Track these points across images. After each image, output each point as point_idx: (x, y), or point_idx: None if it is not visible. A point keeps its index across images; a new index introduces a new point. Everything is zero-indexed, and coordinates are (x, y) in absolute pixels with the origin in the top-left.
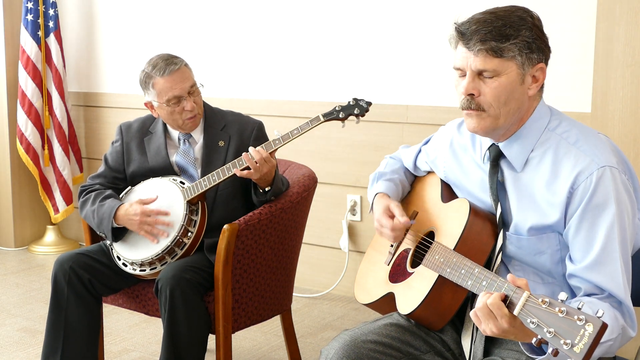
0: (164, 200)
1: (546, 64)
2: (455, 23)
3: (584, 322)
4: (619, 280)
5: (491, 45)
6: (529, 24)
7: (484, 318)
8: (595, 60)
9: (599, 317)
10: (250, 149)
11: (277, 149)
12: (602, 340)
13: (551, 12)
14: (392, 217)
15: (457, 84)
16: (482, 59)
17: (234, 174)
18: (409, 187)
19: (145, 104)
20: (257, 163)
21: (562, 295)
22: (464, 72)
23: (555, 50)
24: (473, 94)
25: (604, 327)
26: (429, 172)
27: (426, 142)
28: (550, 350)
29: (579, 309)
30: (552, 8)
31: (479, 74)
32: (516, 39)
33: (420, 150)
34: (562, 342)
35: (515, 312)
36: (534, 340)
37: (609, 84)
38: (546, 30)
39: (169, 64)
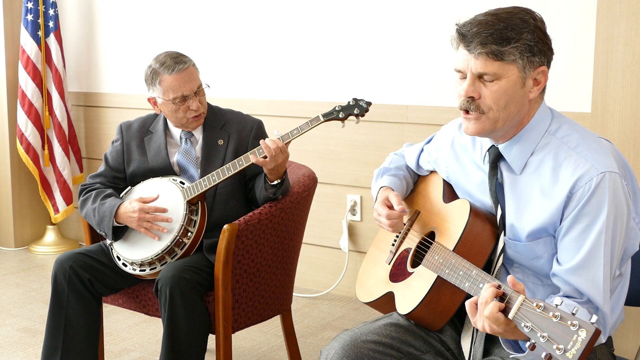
0: (164, 199)
1: (548, 66)
2: (456, 24)
3: (577, 327)
4: (600, 286)
5: (492, 48)
6: (531, 26)
7: (479, 317)
8: (595, 60)
9: (592, 323)
10: (267, 139)
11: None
12: None
13: (551, 12)
14: (390, 207)
15: (458, 85)
16: (483, 62)
17: (233, 174)
18: (413, 185)
19: (149, 100)
20: (273, 152)
21: (557, 300)
22: (465, 74)
23: (556, 50)
24: (473, 97)
25: (597, 333)
26: (431, 172)
27: (428, 141)
28: (543, 354)
29: (573, 314)
30: (552, 8)
31: (480, 77)
32: (517, 42)
33: (422, 150)
34: (554, 347)
35: (510, 316)
36: (528, 344)
37: (609, 84)
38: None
39: (178, 62)
